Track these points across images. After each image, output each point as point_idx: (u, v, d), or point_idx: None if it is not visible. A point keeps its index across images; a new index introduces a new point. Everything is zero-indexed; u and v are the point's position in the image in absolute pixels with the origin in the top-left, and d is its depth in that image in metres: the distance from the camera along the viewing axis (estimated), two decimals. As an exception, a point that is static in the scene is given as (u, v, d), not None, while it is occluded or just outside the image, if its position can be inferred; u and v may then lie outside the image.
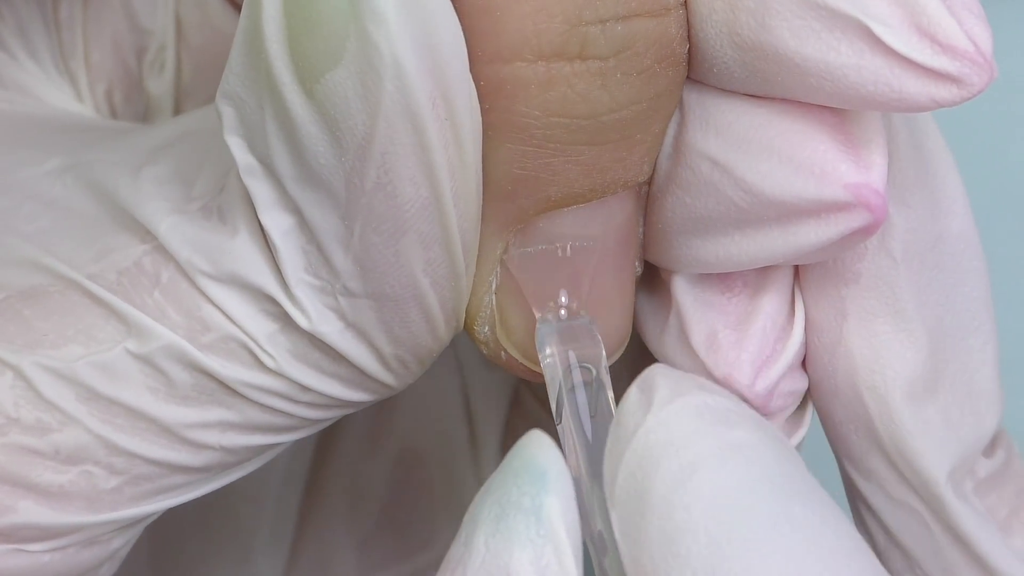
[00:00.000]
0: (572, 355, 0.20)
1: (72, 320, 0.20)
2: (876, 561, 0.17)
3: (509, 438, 0.29)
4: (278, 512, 0.28)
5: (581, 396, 0.20)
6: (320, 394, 0.20)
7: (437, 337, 0.20)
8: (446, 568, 0.17)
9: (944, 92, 0.17)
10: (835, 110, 0.19)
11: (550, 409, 0.28)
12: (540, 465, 0.17)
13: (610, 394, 0.20)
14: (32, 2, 0.26)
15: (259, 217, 0.19)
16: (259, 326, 0.20)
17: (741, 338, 0.20)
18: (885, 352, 0.21)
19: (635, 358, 0.23)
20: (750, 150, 0.19)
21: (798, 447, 0.22)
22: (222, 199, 0.20)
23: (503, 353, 0.21)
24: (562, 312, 0.20)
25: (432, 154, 0.18)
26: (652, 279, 0.22)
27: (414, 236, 0.19)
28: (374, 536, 0.28)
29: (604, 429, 0.19)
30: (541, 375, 0.21)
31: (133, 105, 0.26)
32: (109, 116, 0.26)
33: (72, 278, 0.20)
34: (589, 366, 0.20)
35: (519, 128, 0.19)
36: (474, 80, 0.18)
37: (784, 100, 0.19)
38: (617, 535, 0.17)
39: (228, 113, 0.19)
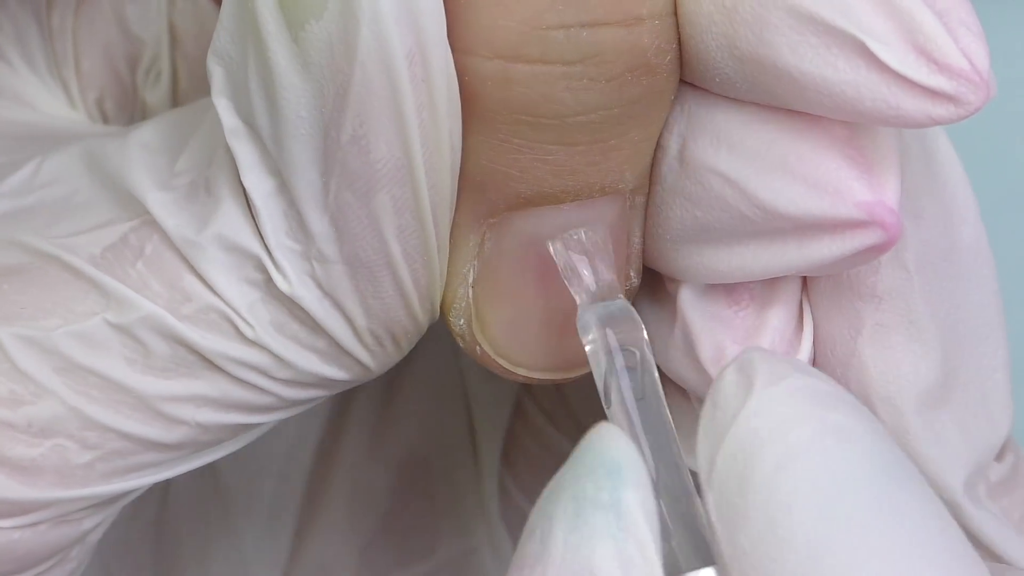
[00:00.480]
0: (613, 338, 0.20)
1: (51, 293, 0.20)
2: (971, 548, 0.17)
3: (511, 446, 0.29)
4: (278, 519, 0.28)
5: (626, 379, 0.19)
6: (297, 369, 0.20)
7: (411, 315, 0.20)
8: (522, 567, 0.17)
9: (941, 110, 0.17)
10: (847, 124, 0.19)
11: (552, 417, 0.28)
12: (615, 459, 0.17)
13: (655, 375, 0.19)
14: (28, 10, 0.26)
15: (242, 180, 0.20)
16: (241, 295, 0.20)
17: None
18: (899, 364, 0.21)
19: None
20: (762, 167, 0.19)
21: None
22: (210, 172, 0.20)
23: (478, 348, 0.21)
24: (589, 284, 0.20)
25: (405, 109, 0.18)
26: (657, 290, 0.22)
27: (386, 197, 0.19)
28: (375, 543, 0.28)
29: (653, 411, 0.19)
30: (512, 373, 0.21)
31: (126, 113, 0.26)
32: (102, 124, 0.26)
33: (52, 253, 0.20)
34: (633, 349, 0.20)
35: (484, 120, 0.19)
36: None
37: (794, 114, 0.19)
38: (713, 517, 0.17)
39: (217, 73, 0.20)
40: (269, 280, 0.20)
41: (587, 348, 0.20)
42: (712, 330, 0.21)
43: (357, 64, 0.18)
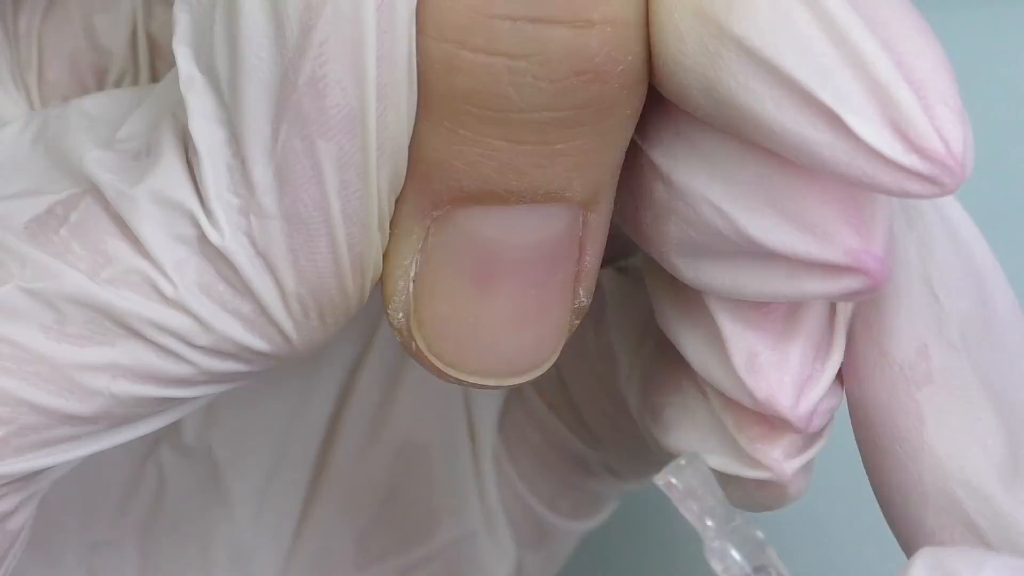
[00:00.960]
0: (746, 564, 0.20)
1: None
2: None
3: (511, 433, 0.29)
4: (278, 506, 0.28)
5: None
6: (217, 333, 0.20)
7: (341, 284, 0.20)
8: None
9: (917, 187, 0.17)
10: None
11: (553, 406, 0.28)
12: None
13: None
14: None
15: (190, 129, 0.19)
16: (169, 251, 0.20)
17: (782, 359, 0.20)
18: (969, 445, 0.20)
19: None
20: (754, 204, 0.19)
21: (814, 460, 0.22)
22: (152, 136, 0.20)
23: (413, 344, 0.21)
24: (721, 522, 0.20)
25: (366, 57, 0.18)
26: (686, 294, 0.22)
27: (333, 147, 0.19)
28: (373, 529, 0.28)
29: None
30: (444, 373, 0.21)
31: None
32: None
33: None
34: (767, 566, 0.20)
35: (433, 106, 0.19)
36: None
37: None
38: None
39: (183, 20, 0.20)
40: (201, 236, 0.20)
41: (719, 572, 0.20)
42: (743, 334, 0.21)
43: (329, 3, 0.18)
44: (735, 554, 0.20)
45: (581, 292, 0.21)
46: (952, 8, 0.40)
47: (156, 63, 0.26)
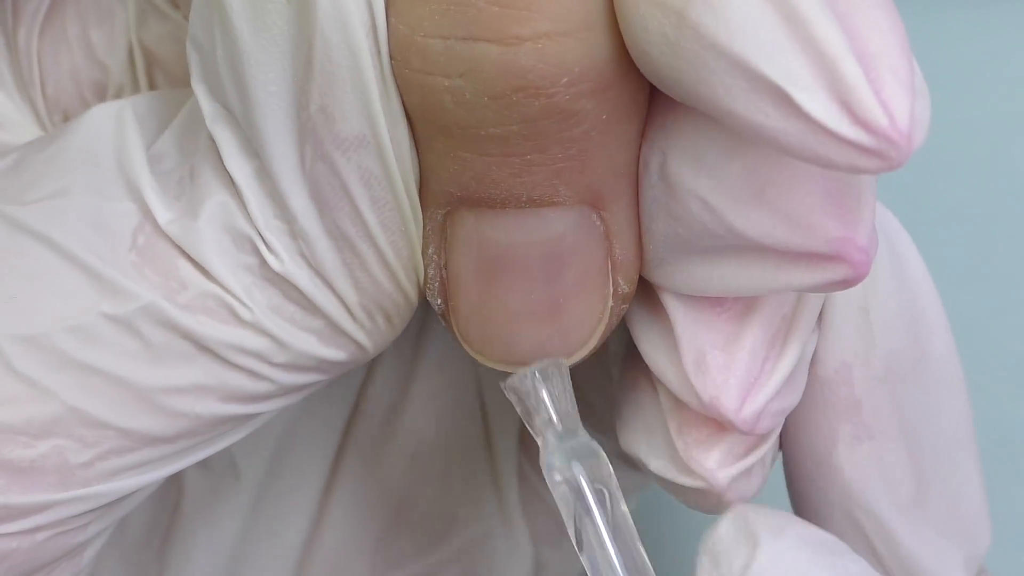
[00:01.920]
0: (583, 475, 0.20)
1: (41, 281, 0.20)
2: None
3: (526, 433, 0.29)
4: (294, 509, 0.28)
5: (598, 517, 0.20)
6: (295, 351, 0.20)
7: (399, 288, 0.21)
8: None
9: (866, 162, 0.17)
10: None
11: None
12: None
13: (625, 510, 0.20)
14: None
15: (224, 162, 0.20)
16: (237, 279, 0.20)
17: (729, 361, 0.20)
18: (876, 473, 0.21)
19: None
20: (740, 196, 0.19)
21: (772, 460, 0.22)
22: (195, 160, 0.20)
23: (454, 329, 0.21)
24: (556, 425, 0.20)
25: (366, 78, 0.19)
26: (646, 289, 0.22)
27: (355, 167, 0.19)
28: (389, 533, 0.28)
29: (628, 548, 0.19)
30: (477, 359, 0.21)
31: None
32: None
33: (38, 231, 0.20)
34: (600, 486, 0.20)
35: (413, 122, 0.19)
36: None
37: None
38: None
39: (194, 59, 0.20)
40: (263, 263, 0.20)
41: (555, 486, 0.20)
42: (695, 333, 0.21)
43: (318, 32, 0.18)
44: (569, 468, 0.20)
45: (621, 280, 0.21)
46: (952, 8, 0.40)
47: (153, 76, 0.26)
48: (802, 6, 0.17)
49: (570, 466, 0.20)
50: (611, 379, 0.27)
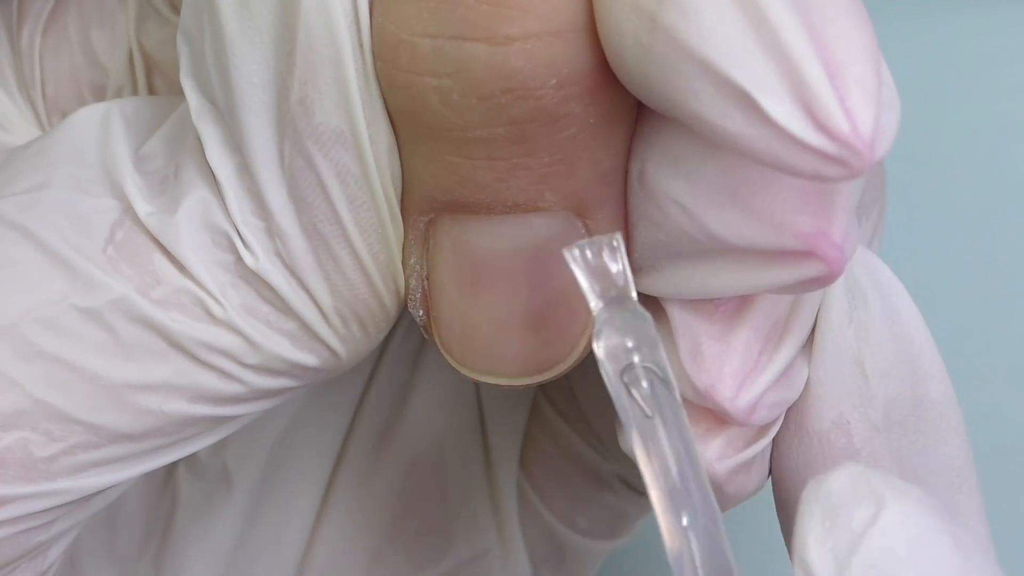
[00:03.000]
0: (632, 343, 0.19)
1: (13, 272, 0.20)
2: None
3: (527, 446, 0.28)
4: (288, 523, 0.28)
5: (643, 387, 0.19)
6: (267, 352, 0.20)
7: (376, 294, 0.20)
8: None
9: (829, 170, 0.17)
10: None
11: (564, 414, 0.28)
12: None
13: (672, 379, 0.19)
14: (1, 23, 0.25)
15: (207, 157, 0.20)
16: (212, 276, 0.20)
17: (725, 350, 0.20)
18: None
19: None
20: (717, 198, 0.19)
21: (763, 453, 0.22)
22: (181, 158, 0.20)
23: (436, 340, 0.21)
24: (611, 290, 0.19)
25: (346, 73, 0.18)
26: None
27: (331, 164, 0.19)
28: (385, 548, 0.28)
29: (671, 418, 0.19)
30: (457, 370, 0.21)
31: None
32: None
33: (16, 222, 0.20)
34: (651, 365, 0.19)
35: (397, 124, 0.19)
36: None
37: None
38: None
39: (184, 53, 0.20)
40: (239, 260, 0.20)
41: (600, 354, 0.19)
42: (691, 323, 0.20)
43: (301, 21, 0.18)
44: (620, 336, 0.19)
45: None
46: (952, 8, 0.40)
47: (152, 79, 0.26)
48: (772, 13, 0.17)
49: (621, 334, 0.19)
50: (609, 401, 0.27)
